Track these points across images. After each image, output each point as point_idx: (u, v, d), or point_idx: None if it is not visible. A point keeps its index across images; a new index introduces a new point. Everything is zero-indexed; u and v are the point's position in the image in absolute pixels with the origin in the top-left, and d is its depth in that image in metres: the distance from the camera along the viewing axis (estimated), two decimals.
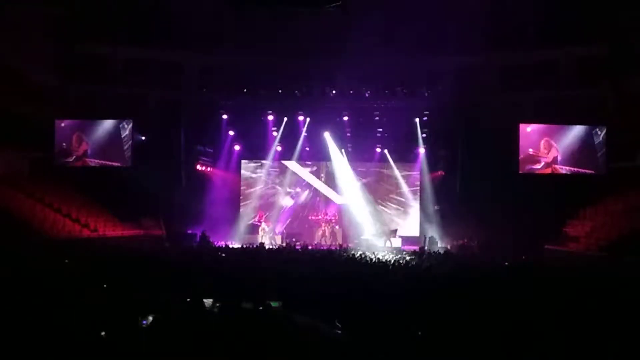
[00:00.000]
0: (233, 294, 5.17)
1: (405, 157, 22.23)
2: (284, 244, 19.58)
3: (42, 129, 19.28)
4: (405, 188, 22.33)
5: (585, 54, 20.30)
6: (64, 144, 19.90)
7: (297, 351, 3.10)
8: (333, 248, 18.11)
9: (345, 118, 21.17)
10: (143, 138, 20.37)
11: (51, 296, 5.01)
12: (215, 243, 18.73)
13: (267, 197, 22.62)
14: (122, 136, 19.81)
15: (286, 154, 22.36)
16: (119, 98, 20.77)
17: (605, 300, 6.07)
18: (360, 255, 13.68)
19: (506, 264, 12.56)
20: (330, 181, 22.53)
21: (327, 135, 21.65)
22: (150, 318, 4.16)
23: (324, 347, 3.18)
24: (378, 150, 22.01)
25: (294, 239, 20.45)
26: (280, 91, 20.47)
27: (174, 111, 20.59)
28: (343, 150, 21.94)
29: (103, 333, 3.82)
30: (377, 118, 21.13)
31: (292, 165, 22.54)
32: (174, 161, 20.35)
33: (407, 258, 13.84)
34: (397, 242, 20.36)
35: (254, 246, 17.01)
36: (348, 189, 22.23)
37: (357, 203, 22.08)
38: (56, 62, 20.77)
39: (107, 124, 19.96)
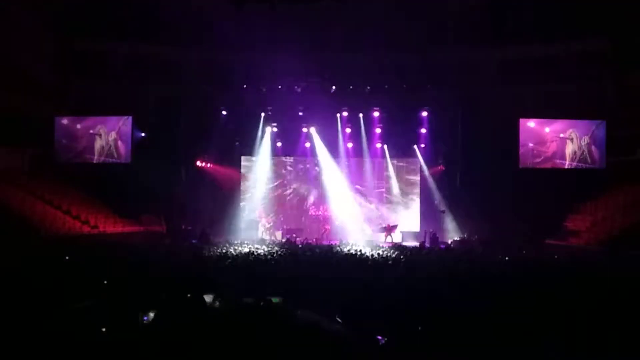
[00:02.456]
0: (233, 289, 5.18)
1: (405, 152, 22.20)
2: (284, 240, 19.59)
3: (42, 126, 19.30)
4: (405, 183, 22.31)
5: (585, 48, 20.29)
6: (64, 141, 19.93)
7: (298, 347, 3.10)
8: (333, 243, 18.10)
9: (345, 114, 21.17)
10: (143, 134, 20.40)
11: (51, 294, 5.01)
12: (216, 240, 18.71)
13: (267, 193, 22.58)
14: (122, 133, 19.84)
15: (285, 150, 22.34)
16: (118, 94, 20.76)
17: (606, 295, 6.07)
18: (358, 251, 13.62)
19: (507, 258, 12.56)
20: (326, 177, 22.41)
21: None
22: (152, 314, 4.17)
23: (325, 343, 3.19)
24: (378, 145, 21.98)
25: (294, 235, 20.44)
26: (280, 87, 20.43)
27: (174, 107, 20.59)
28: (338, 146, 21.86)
29: (104, 329, 3.82)
30: (377, 113, 21.11)
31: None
32: (174, 157, 20.32)
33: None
34: (397, 238, 20.37)
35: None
36: (343, 185, 22.14)
37: (357, 200, 22.05)
38: (56, 58, 20.79)
39: (107, 121, 19.96)
